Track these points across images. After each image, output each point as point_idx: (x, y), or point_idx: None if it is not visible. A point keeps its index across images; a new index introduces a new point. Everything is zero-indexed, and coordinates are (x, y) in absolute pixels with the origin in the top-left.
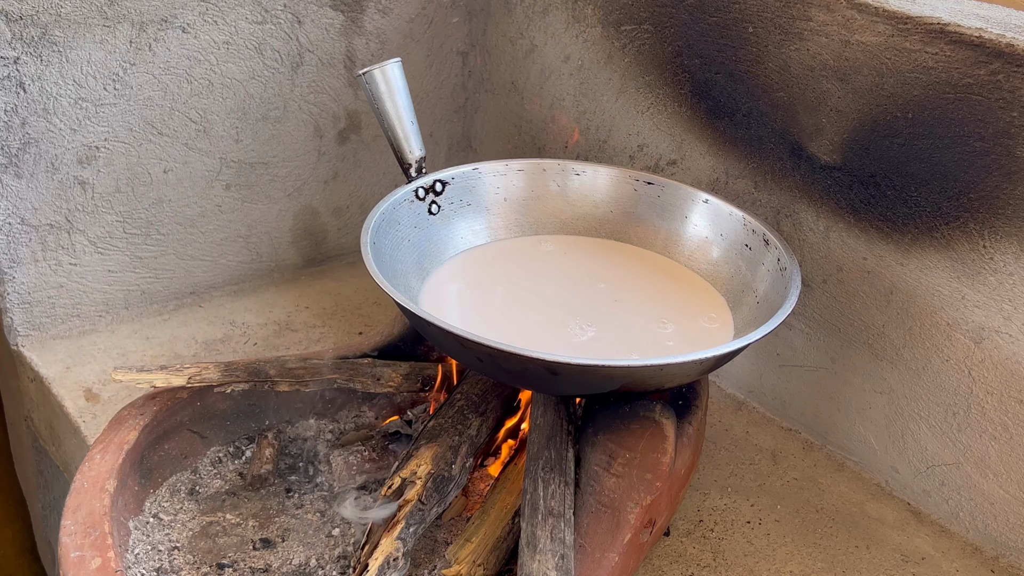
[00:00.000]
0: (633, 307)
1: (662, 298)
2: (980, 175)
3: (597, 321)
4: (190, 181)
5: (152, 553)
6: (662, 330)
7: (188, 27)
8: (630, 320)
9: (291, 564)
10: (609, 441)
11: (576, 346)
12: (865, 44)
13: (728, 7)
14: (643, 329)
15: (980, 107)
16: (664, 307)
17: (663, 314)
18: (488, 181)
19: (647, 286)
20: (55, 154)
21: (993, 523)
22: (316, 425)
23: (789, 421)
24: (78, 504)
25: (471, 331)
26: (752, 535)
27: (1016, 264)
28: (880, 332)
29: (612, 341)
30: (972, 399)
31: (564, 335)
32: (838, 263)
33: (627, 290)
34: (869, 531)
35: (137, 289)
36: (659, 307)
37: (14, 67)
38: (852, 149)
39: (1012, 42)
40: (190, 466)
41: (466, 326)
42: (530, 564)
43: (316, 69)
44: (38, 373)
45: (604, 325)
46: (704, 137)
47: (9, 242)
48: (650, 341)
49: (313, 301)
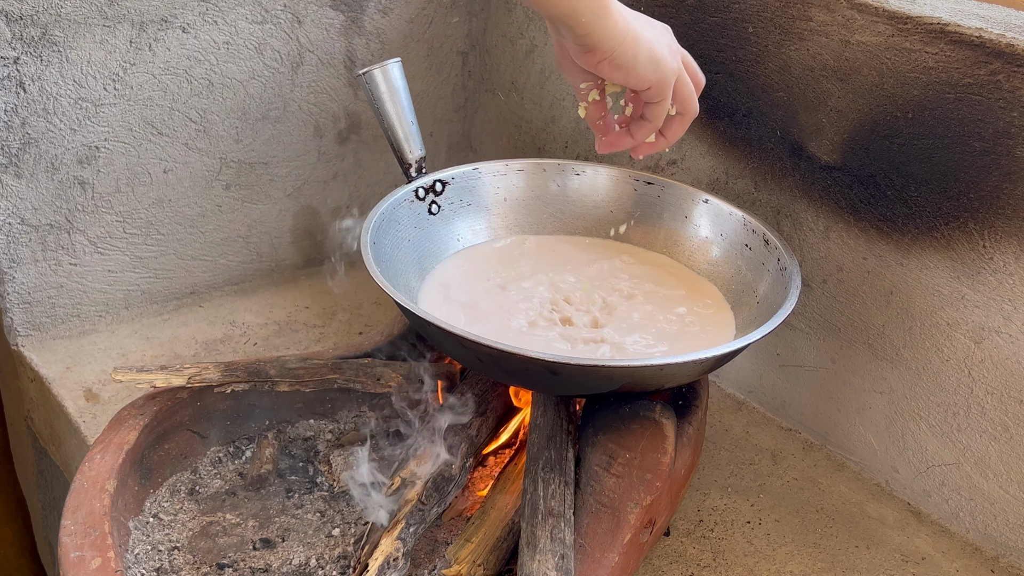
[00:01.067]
0: (640, 305)
1: (667, 296)
2: (980, 175)
3: (601, 316)
4: (190, 181)
5: (152, 553)
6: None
7: (188, 27)
8: (638, 314)
9: (291, 564)
10: (609, 441)
11: (585, 342)
12: (865, 44)
13: (728, 7)
14: (655, 321)
15: (980, 107)
16: (671, 303)
17: (673, 307)
18: (488, 181)
19: (651, 285)
20: (55, 154)
21: (993, 523)
22: (316, 425)
23: (789, 421)
24: (78, 504)
25: (471, 331)
26: (752, 535)
27: (1016, 264)
28: (880, 332)
29: (621, 335)
30: (972, 399)
31: (566, 332)
32: (838, 263)
33: (633, 286)
34: (869, 531)
35: (137, 289)
36: (667, 302)
37: (14, 67)
38: (852, 149)
39: (1012, 42)
40: (190, 466)
41: (466, 326)
42: (530, 564)
43: (316, 69)
44: (38, 373)
45: (614, 322)
46: (704, 137)
47: (9, 242)
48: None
49: (313, 301)
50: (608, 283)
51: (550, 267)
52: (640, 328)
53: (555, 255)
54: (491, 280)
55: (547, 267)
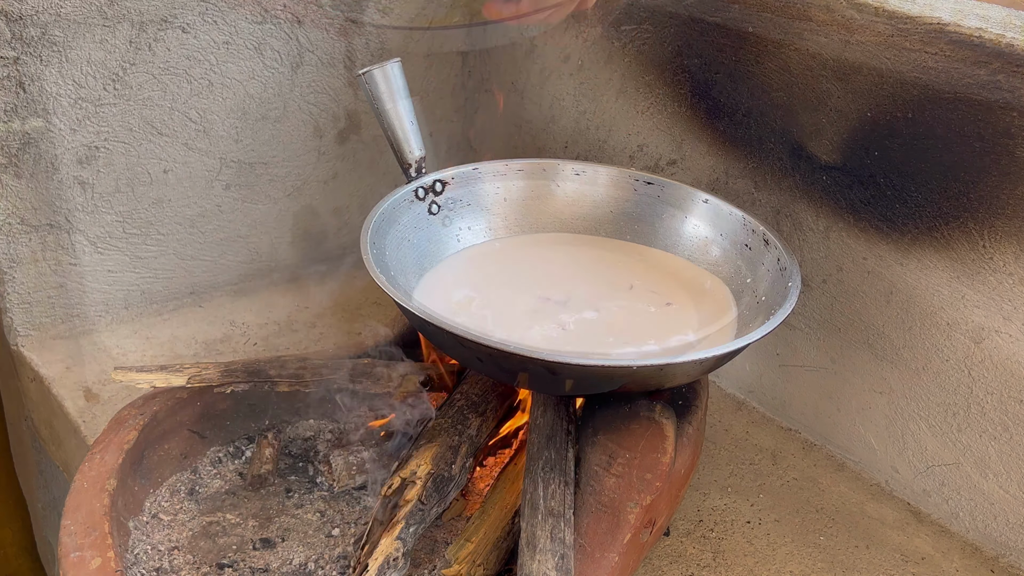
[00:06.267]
0: (639, 303)
1: (667, 295)
2: (980, 175)
3: (600, 316)
4: (190, 181)
5: (152, 553)
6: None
7: (188, 27)
8: (637, 313)
9: (291, 564)
10: (609, 441)
11: (584, 341)
12: (865, 44)
13: (728, 7)
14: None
15: (980, 107)
16: (671, 302)
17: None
18: (488, 181)
19: (651, 284)
20: (55, 154)
21: (993, 523)
22: (316, 425)
23: (789, 421)
24: (78, 504)
25: (471, 330)
26: (752, 535)
27: (1016, 264)
28: (880, 332)
29: (619, 335)
30: (972, 399)
31: (565, 331)
32: (838, 263)
33: (633, 285)
34: (869, 531)
35: (137, 289)
36: (666, 302)
37: (14, 67)
38: (852, 149)
39: (1012, 42)
40: (190, 466)
41: (466, 325)
42: (530, 564)
43: (316, 69)
44: (38, 373)
45: (613, 321)
46: (704, 137)
47: (9, 242)
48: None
49: (313, 301)
50: (608, 282)
51: (550, 266)
52: (639, 327)
53: (555, 254)
54: (491, 279)
55: (547, 266)
